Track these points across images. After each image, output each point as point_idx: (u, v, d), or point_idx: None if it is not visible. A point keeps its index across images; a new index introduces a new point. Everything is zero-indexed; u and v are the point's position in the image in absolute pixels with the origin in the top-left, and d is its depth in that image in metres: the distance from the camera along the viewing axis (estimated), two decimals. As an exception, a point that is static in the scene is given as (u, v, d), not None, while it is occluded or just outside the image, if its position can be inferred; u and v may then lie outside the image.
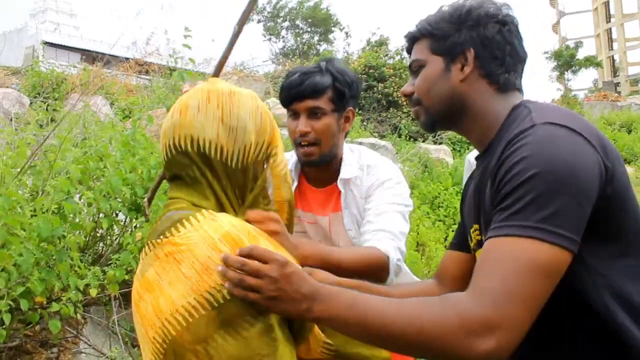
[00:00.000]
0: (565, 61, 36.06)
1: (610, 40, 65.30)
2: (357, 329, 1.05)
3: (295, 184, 1.89)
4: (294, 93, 1.77)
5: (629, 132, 18.24)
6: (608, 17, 65.86)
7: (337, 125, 1.80)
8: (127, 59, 13.56)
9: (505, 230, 1.00)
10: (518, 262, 0.96)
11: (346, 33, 32.35)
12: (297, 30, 35.19)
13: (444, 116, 1.28)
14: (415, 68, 1.31)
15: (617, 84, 57.49)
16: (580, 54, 37.26)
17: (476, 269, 1.02)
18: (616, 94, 43.31)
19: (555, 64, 37.00)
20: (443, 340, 0.96)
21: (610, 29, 65.06)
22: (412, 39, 1.33)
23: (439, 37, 1.26)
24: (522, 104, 1.20)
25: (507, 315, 0.94)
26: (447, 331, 0.96)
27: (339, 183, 1.84)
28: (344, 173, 1.83)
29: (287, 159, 1.81)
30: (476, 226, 1.26)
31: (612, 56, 64.06)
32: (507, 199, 1.02)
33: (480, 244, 1.22)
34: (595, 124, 2.43)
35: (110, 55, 13.49)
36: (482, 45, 1.22)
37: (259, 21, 34.71)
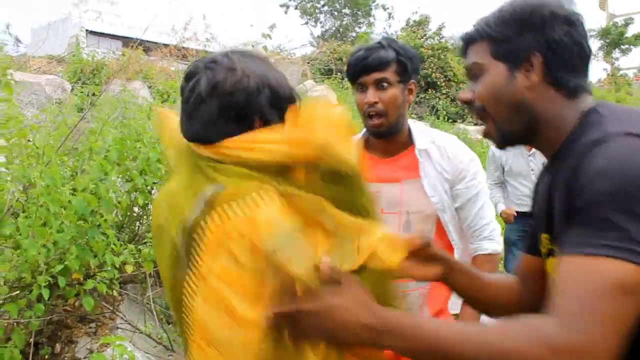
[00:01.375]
0: (613, 40, 34.68)
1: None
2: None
3: None
4: (361, 67, 1.88)
5: (680, 112, 17.64)
6: (658, -7, 63.34)
7: (402, 96, 1.89)
8: (166, 45, 13.70)
9: (582, 248, 0.94)
10: (600, 284, 0.90)
11: (389, 14, 31.92)
12: (336, 14, 34.96)
13: (517, 134, 1.20)
14: (475, 72, 1.22)
15: (668, 63, 55.41)
16: (631, 31, 35.85)
17: (556, 289, 0.97)
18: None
19: (602, 42, 35.69)
20: None
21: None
22: (469, 40, 1.24)
23: (500, 40, 1.16)
24: (594, 109, 1.13)
25: (596, 343, 0.88)
26: None
27: (417, 152, 1.93)
28: (420, 143, 1.94)
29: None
30: (547, 235, 1.19)
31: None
32: (582, 215, 0.96)
33: (550, 252, 1.18)
34: None
35: (150, 41, 13.63)
36: (549, 49, 1.12)
37: (296, 7, 34.53)
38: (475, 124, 10.90)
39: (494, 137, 1.23)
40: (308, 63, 12.05)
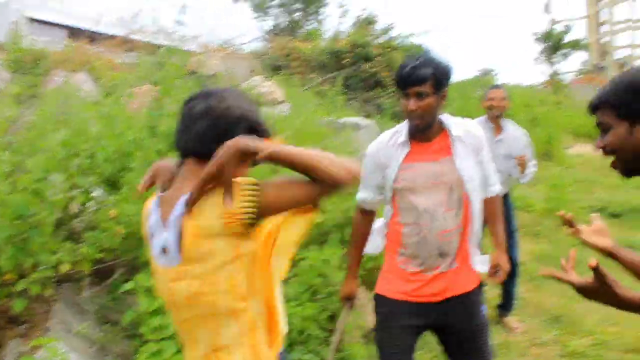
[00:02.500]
0: (554, 44, 35.82)
1: (599, 22, 65.46)
2: None
3: (408, 149, 2.59)
4: (407, 81, 2.47)
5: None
6: (599, -1, 65.86)
7: (436, 102, 2.50)
8: (113, 36, 13.41)
9: None
10: None
11: (344, 12, 31.95)
12: (287, 9, 34.78)
13: (636, 169, 1.67)
14: (604, 128, 1.67)
15: (604, 68, 57.63)
16: (570, 37, 37.03)
17: None
18: (604, 77, 43.32)
19: (544, 46, 36.77)
20: None
21: (600, 11, 65.10)
22: (597, 105, 1.69)
23: (623, 105, 1.61)
24: None
25: None
26: None
27: (452, 138, 2.56)
28: (455, 131, 2.57)
29: (400, 129, 2.64)
30: None
31: (600, 39, 64.23)
32: None
33: None
34: (581, 108, 3.42)
35: (96, 32, 13.31)
36: None
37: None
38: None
39: (619, 169, 1.71)
40: (257, 58, 11.99)
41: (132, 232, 3.19)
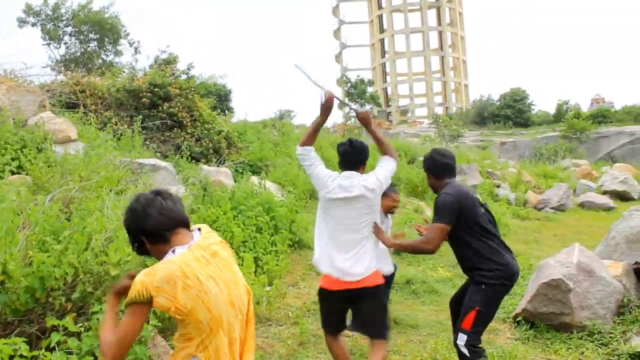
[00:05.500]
0: (353, 93, 38.71)
1: (384, 73, 72.44)
2: None
3: None
4: None
5: (396, 159, 19.85)
6: (383, 53, 72.88)
7: None
8: None
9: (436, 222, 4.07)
10: (439, 228, 4.05)
11: (135, 49, 31.06)
12: (82, 37, 33.17)
13: (434, 191, 4.33)
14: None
15: (390, 113, 63.82)
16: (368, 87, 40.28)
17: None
18: (388, 122, 47.86)
19: (345, 91, 39.49)
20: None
21: (385, 63, 72.11)
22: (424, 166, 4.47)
23: (432, 171, 4.30)
24: (447, 183, 4.17)
25: (435, 239, 4.07)
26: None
27: None
28: None
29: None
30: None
31: (386, 88, 70.98)
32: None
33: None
34: (370, 150, 4.52)
35: None
36: (435, 166, 4.33)
37: (33, 24, 31.93)
38: (217, 166, 11.29)
39: (433, 191, 4.35)
40: (47, 92, 11.25)
41: None
